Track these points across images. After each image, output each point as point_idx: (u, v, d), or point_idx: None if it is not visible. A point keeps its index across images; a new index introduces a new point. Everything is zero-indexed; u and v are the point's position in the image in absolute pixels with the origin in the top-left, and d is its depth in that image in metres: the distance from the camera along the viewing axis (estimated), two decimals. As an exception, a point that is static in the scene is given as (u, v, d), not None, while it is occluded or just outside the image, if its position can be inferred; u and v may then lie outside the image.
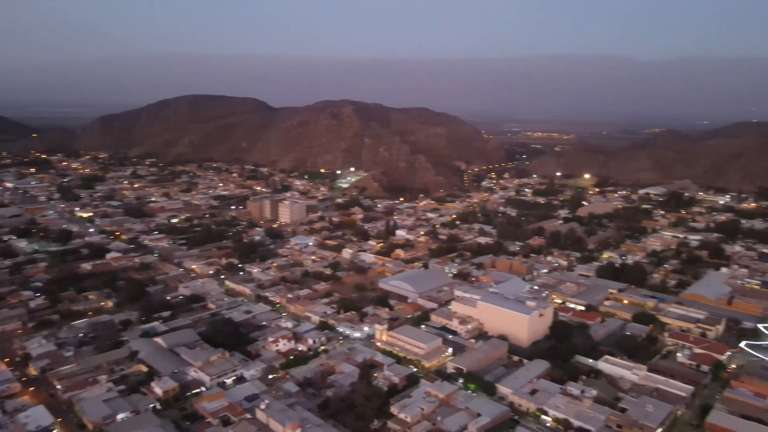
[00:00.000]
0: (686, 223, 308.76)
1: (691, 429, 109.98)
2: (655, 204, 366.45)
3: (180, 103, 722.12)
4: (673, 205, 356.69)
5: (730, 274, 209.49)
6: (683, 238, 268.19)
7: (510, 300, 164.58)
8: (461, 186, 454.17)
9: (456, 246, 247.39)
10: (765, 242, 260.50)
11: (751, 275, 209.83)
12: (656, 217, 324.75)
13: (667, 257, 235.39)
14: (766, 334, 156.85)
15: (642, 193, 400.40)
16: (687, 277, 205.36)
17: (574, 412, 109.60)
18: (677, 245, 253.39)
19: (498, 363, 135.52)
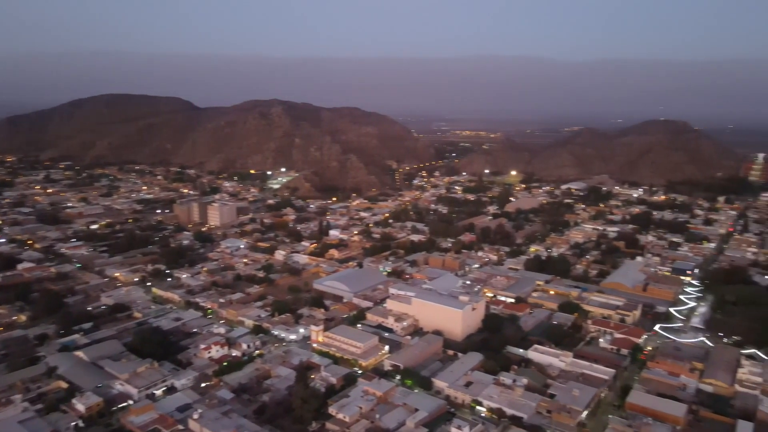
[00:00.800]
0: (605, 215, 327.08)
1: (614, 409, 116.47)
2: (577, 198, 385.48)
3: (96, 102, 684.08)
4: (593, 199, 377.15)
5: (644, 263, 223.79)
6: (602, 230, 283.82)
7: (444, 295, 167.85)
8: (393, 185, 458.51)
9: (389, 244, 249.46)
10: (674, 232, 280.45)
11: (662, 263, 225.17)
12: (578, 210, 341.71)
13: (588, 248, 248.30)
14: (677, 317, 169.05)
15: (564, 189, 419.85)
16: (606, 267, 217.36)
17: (507, 401, 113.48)
18: (597, 237, 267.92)
19: (434, 358, 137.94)
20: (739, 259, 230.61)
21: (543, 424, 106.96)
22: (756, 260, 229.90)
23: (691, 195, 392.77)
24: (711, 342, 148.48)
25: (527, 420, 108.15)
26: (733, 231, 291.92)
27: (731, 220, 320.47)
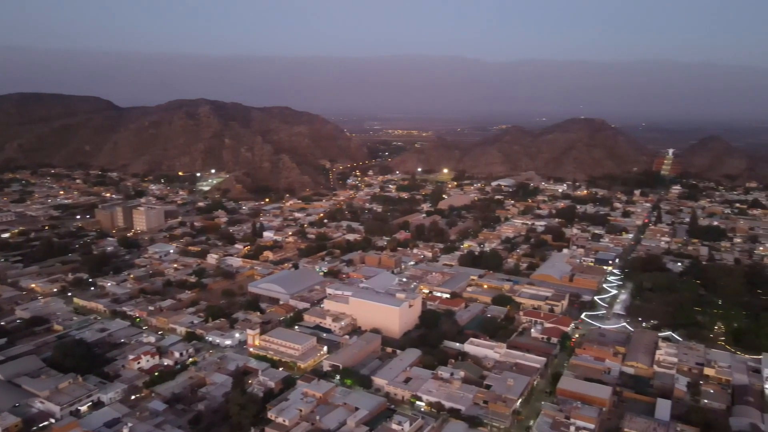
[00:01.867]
0: (533, 210, 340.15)
1: (546, 396, 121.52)
2: (506, 194, 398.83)
3: (4, 102, 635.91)
4: (521, 195, 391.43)
5: (570, 254, 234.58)
6: (531, 224, 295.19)
7: (381, 294, 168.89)
8: (327, 184, 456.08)
9: (325, 244, 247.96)
10: (596, 224, 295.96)
11: (586, 254, 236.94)
12: (507, 206, 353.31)
13: (518, 243, 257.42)
14: (601, 305, 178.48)
15: (494, 185, 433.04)
16: (536, 260, 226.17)
17: (446, 395, 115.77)
18: (526, 231, 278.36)
19: (373, 356, 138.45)
20: (654, 248, 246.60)
21: (480, 415, 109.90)
22: (669, 249, 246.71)
23: (611, 189, 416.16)
24: (631, 327, 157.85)
25: (465, 411, 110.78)
26: (648, 222, 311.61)
27: (646, 211, 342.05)
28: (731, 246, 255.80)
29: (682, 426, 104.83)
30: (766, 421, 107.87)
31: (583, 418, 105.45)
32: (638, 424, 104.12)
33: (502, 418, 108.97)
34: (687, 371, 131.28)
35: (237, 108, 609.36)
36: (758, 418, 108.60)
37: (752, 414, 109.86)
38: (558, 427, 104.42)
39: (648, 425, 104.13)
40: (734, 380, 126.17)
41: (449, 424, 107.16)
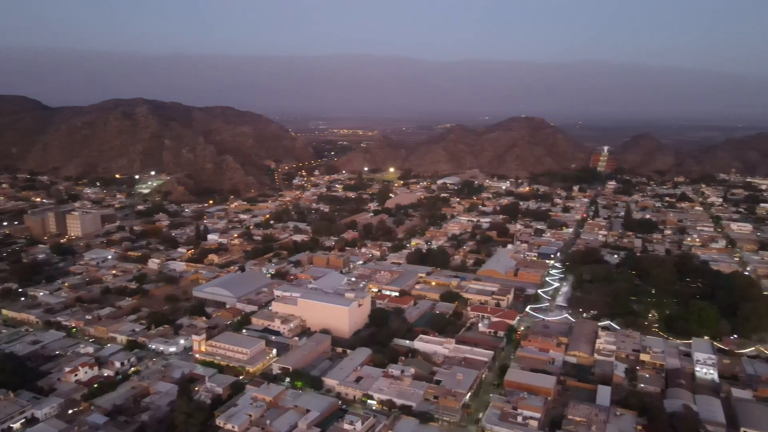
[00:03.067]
0: (477, 207, 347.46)
1: (494, 388, 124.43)
2: (452, 192, 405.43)
3: None
4: (466, 193, 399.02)
5: (514, 250, 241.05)
6: (476, 221, 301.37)
7: (329, 294, 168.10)
8: (272, 185, 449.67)
9: (272, 246, 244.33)
10: (538, 220, 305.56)
11: (530, 249, 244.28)
12: (453, 204, 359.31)
13: (464, 239, 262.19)
14: (544, 298, 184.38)
15: (440, 183, 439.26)
16: (482, 256, 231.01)
17: (397, 392, 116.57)
18: (472, 228, 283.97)
19: (323, 357, 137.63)
20: (593, 241, 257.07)
21: (431, 410, 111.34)
22: (606, 241, 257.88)
23: (551, 185, 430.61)
24: (573, 318, 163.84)
25: (416, 408, 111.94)
26: (586, 217, 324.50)
27: (584, 206, 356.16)
28: (662, 237, 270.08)
29: (621, 410, 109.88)
30: (697, 401, 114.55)
31: (530, 408, 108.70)
32: (581, 411, 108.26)
33: (453, 412, 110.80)
34: (625, 358, 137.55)
35: (177, 108, 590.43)
36: (690, 399, 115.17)
37: (684, 396, 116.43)
38: (506, 418, 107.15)
39: (590, 411, 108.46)
40: (667, 364, 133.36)
41: (401, 421, 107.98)
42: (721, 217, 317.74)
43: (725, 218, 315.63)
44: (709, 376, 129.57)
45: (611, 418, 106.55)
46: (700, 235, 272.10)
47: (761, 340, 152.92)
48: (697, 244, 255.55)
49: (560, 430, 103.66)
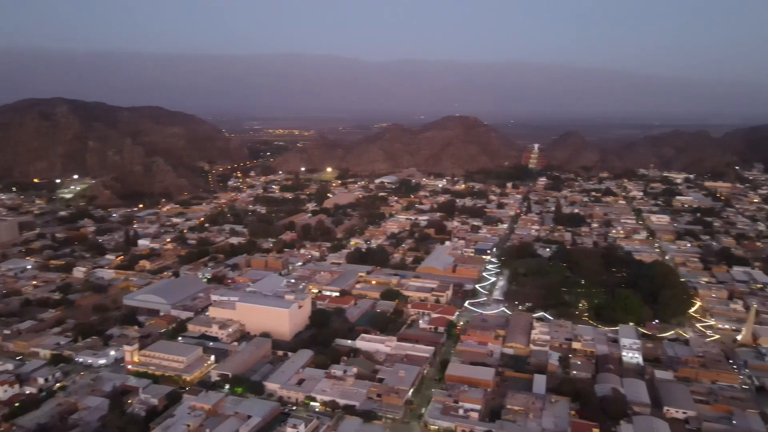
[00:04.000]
0: (415, 206, 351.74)
1: (436, 383, 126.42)
2: (390, 191, 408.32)
3: None
4: (404, 191, 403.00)
5: (452, 246, 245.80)
6: (414, 219, 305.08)
7: (269, 297, 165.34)
8: (207, 187, 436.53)
9: (207, 249, 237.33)
10: (474, 216, 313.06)
11: (467, 245, 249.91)
12: (391, 203, 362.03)
13: (403, 238, 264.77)
14: (481, 293, 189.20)
15: (378, 182, 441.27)
16: (420, 253, 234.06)
17: (340, 392, 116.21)
18: (410, 226, 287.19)
19: (263, 361, 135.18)
20: (526, 236, 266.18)
21: (374, 408, 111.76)
22: (539, 236, 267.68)
23: (486, 182, 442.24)
24: (509, 311, 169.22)
25: (359, 407, 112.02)
26: (519, 212, 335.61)
27: (517, 202, 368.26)
28: (590, 230, 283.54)
29: (556, 397, 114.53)
30: (625, 384, 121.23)
31: (471, 400, 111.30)
32: (518, 400, 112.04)
33: (396, 409, 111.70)
34: (558, 347, 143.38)
35: (101, 108, 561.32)
36: (618, 382, 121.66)
37: (613, 380, 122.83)
38: (448, 412, 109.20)
39: (527, 400, 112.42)
40: (597, 351, 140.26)
41: (344, 421, 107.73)
42: (642, 210, 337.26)
43: (645, 211, 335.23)
44: (634, 360, 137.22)
45: (547, 406, 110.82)
46: (624, 227, 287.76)
47: (680, 323, 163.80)
48: (621, 235, 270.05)
49: (499, 419, 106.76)
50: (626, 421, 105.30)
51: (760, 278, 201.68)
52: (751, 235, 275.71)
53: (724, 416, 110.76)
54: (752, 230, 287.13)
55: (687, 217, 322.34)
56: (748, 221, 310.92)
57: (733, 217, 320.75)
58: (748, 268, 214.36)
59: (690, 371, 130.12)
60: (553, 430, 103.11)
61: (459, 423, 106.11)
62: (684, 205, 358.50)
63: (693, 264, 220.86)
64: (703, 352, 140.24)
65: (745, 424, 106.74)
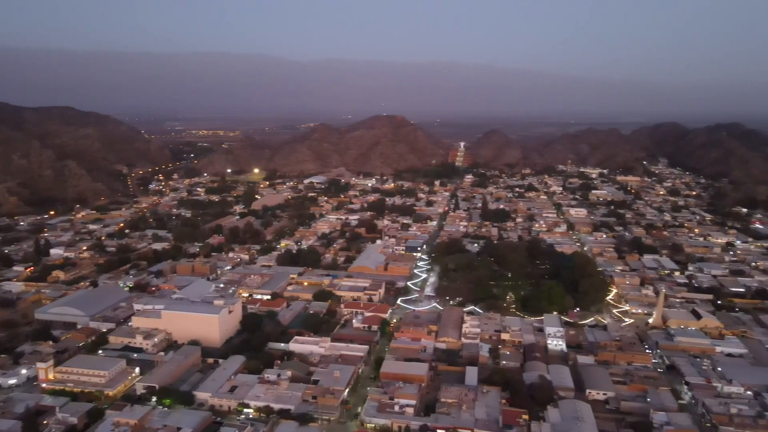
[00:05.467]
0: (345, 205, 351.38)
1: (371, 381, 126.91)
2: (319, 191, 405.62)
3: None
4: (334, 191, 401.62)
5: (383, 245, 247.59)
6: (345, 219, 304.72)
7: (197, 303, 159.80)
8: (126, 191, 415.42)
9: (129, 257, 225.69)
10: (404, 214, 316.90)
11: (398, 243, 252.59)
12: (321, 203, 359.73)
13: (334, 238, 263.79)
14: (413, 289, 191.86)
15: (307, 183, 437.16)
16: (352, 253, 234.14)
17: (274, 397, 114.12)
18: (341, 226, 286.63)
19: (193, 369, 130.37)
20: (455, 232, 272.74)
21: (310, 411, 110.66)
22: (467, 232, 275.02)
23: (414, 181, 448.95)
24: (441, 306, 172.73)
25: (295, 410, 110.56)
26: (448, 210, 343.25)
27: (446, 200, 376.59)
28: (515, 225, 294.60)
29: (487, 387, 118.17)
30: (551, 371, 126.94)
31: (406, 396, 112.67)
32: (452, 393, 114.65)
33: (332, 410, 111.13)
34: (488, 339, 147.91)
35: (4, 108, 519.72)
36: (544, 369, 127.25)
37: (540, 367, 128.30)
38: (384, 409, 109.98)
39: (460, 392, 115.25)
40: (524, 341, 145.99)
41: (280, 425, 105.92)
42: (562, 204, 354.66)
43: (565, 205, 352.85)
44: (558, 347, 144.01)
45: (479, 396, 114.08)
46: (546, 221, 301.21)
47: (598, 310, 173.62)
48: (543, 229, 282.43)
49: (434, 413, 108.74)
50: (553, 406, 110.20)
51: (668, 265, 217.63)
52: (659, 225, 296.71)
53: (640, 395, 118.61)
54: (659, 220, 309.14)
55: (602, 209, 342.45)
56: (655, 212, 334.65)
57: (643, 209, 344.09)
58: (656, 255, 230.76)
59: (608, 355, 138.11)
60: (486, 419, 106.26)
61: (395, 419, 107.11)
62: (599, 199, 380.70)
63: (609, 254, 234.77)
64: (620, 336, 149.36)
65: (658, 401, 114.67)
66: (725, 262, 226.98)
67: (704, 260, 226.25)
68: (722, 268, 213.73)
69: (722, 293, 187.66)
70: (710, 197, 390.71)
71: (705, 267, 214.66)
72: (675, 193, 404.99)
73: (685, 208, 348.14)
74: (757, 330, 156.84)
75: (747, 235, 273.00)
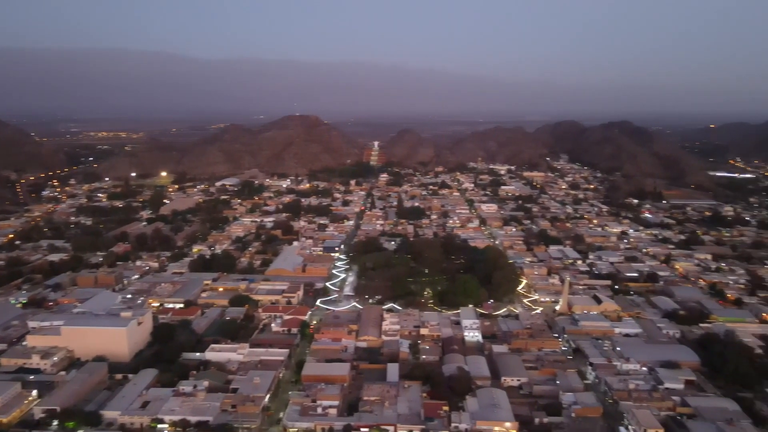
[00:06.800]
0: (260, 207, 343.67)
1: (292, 385, 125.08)
2: (232, 194, 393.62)
3: None
4: (247, 193, 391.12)
5: (300, 246, 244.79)
6: (260, 221, 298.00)
7: (102, 316, 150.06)
8: (15, 199, 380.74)
9: (21, 270, 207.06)
10: (320, 215, 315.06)
11: (315, 244, 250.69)
12: (234, 206, 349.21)
13: (249, 241, 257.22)
14: (332, 290, 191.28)
15: (219, 185, 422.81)
16: (269, 256, 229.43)
17: (190, 409, 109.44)
18: (256, 229, 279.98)
19: (99, 387, 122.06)
20: (372, 231, 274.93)
21: (229, 420, 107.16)
22: (383, 230, 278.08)
23: (330, 181, 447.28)
24: (360, 305, 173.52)
25: (213, 421, 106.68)
26: (364, 209, 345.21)
27: (362, 199, 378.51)
28: (430, 222, 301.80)
29: (408, 382, 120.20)
30: (468, 362, 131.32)
31: (328, 398, 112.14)
32: (374, 390, 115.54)
33: (252, 418, 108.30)
34: (408, 335, 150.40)
35: None
36: (462, 361, 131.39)
37: (458, 359, 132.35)
38: (306, 412, 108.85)
39: (382, 389, 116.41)
40: (443, 334, 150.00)
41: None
42: (474, 200, 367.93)
43: (477, 201, 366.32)
44: (475, 338, 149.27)
45: (401, 392, 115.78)
46: (459, 217, 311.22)
47: (510, 301, 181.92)
48: (457, 225, 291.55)
49: (357, 412, 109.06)
50: (471, 395, 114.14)
51: (571, 254, 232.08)
52: (562, 217, 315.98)
53: (550, 378, 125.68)
54: (562, 213, 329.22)
55: (511, 204, 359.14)
56: (559, 205, 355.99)
57: (547, 203, 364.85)
58: (561, 246, 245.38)
59: (521, 342, 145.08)
60: (408, 413, 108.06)
61: (318, 422, 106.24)
62: (508, 194, 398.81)
63: (518, 246, 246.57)
64: (530, 324, 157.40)
65: (566, 383, 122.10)
66: (621, 249, 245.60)
67: (602, 249, 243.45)
68: (618, 256, 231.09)
69: (619, 279, 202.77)
70: (606, 190, 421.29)
71: (603, 255, 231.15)
72: (575, 187, 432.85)
73: (584, 201, 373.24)
74: (649, 311, 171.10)
75: (638, 224, 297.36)
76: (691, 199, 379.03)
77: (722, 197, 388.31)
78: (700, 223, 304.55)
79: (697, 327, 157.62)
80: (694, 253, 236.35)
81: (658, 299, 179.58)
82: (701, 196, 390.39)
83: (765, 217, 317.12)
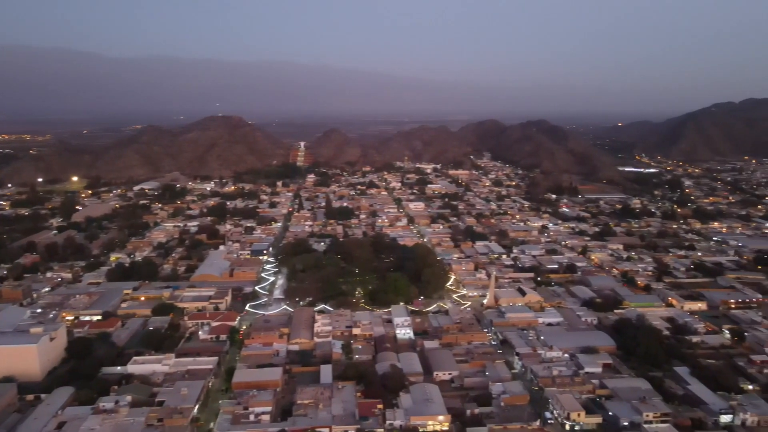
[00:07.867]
0: (183, 212, 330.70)
1: (223, 394, 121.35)
2: (152, 198, 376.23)
3: None
4: (168, 197, 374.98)
5: (227, 250, 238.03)
6: (183, 226, 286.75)
7: (8, 333, 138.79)
8: None
9: None
10: (247, 218, 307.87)
11: (242, 247, 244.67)
12: (155, 210, 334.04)
13: (172, 247, 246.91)
14: (262, 294, 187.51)
15: (137, 190, 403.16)
16: (193, 261, 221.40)
17: (112, 427, 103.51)
18: (179, 234, 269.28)
19: (9, 410, 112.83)
20: (301, 232, 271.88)
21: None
22: (312, 231, 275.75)
23: (256, 183, 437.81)
24: (291, 308, 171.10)
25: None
26: (292, 210, 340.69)
27: (289, 200, 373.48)
28: (359, 222, 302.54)
29: (342, 383, 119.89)
30: (401, 359, 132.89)
31: (261, 404, 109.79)
32: (308, 393, 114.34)
33: (180, 430, 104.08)
34: (340, 335, 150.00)
35: None
36: (395, 358, 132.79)
37: (390, 357, 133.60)
38: (238, 420, 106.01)
39: (316, 391, 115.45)
40: (375, 333, 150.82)
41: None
42: (401, 199, 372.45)
43: (404, 199, 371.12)
44: (407, 335, 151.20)
45: (335, 393, 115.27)
46: (388, 216, 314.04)
47: (440, 297, 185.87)
48: (386, 224, 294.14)
49: (291, 416, 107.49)
50: (404, 392, 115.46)
51: (496, 249, 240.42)
52: (487, 213, 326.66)
53: (480, 370, 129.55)
54: (487, 210, 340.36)
55: (438, 202, 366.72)
56: (483, 202, 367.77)
57: (473, 200, 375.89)
58: (486, 241, 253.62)
59: (451, 337, 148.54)
60: (343, 414, 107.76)
61: (251, 429, 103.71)
62: (435, 192, 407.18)
63: (446, 243, 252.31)
64: (460, 318, 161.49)
65: (495, 373, 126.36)
66: (542, 243, 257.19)
67: (525, 243, 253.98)
68: (540, 249, 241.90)
69: (540, 271, 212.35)
70: (526, 186, 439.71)
71: (526, 248, 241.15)
72: (498, 184, 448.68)
73: (507, 197, 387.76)
74: (569, 300, 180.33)
75: (557, 218, 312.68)
76: (603, 193, 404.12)
77: (630, 191, 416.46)
78: (612, 216, 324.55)
79: (612, 313, 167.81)
80: (607, 244, 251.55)
81: (576, 289, 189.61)
82: (612, 191, 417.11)
83: (667, 209, 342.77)
